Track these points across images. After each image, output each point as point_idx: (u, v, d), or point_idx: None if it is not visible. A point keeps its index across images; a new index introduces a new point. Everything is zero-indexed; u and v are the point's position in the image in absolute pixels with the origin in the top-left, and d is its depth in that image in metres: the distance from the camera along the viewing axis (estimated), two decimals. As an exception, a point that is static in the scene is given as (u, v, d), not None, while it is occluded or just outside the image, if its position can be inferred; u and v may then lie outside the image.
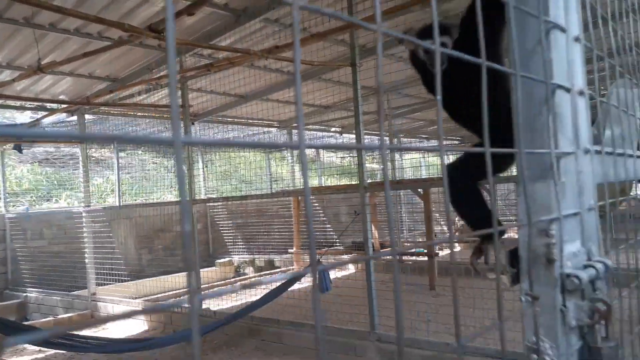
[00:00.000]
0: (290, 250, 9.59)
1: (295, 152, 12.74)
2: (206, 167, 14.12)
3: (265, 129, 10.37)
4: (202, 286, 8.41)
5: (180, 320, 5.86)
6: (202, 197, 11.63)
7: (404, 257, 8.26)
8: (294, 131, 10.46)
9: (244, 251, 10.60)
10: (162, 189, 12.67)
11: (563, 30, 0.58)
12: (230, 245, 10.85)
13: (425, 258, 7.29)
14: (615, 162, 0.67)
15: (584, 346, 0.53)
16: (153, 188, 11.90)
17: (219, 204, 10.80)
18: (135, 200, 11.07)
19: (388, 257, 8.62)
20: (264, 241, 10.41)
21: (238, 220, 10.87)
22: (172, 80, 0.39)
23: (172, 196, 13.28)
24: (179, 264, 9.96)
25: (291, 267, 9.50)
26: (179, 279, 8.04)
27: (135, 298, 7.19)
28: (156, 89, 6.58)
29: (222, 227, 11.06)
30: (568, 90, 0.56)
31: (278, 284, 4.95)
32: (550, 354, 0.49)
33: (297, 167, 11.95)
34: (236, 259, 10.44)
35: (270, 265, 10.02)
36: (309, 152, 13.60)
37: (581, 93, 0.57)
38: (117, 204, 8.20)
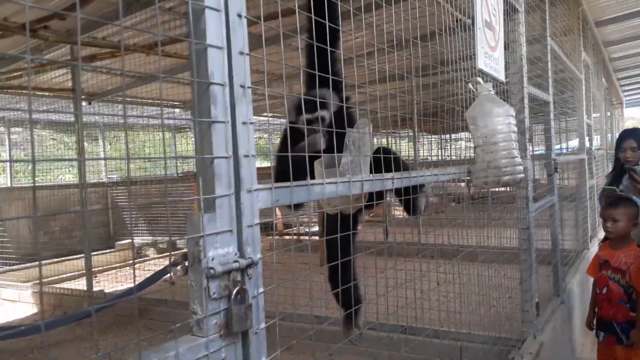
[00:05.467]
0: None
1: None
2: (110, 145, 13.72)
3: (169, 110, 10.29)
4: (99, 269, 8.35)
5: (70, 302, 5.88)
6: (103, 177, 11.42)
7: (302, 237, 8.81)
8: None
9: (146, 233, 10.54)
10: (60, 168, 12.21)
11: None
12: (132, 227, 10.73)
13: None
14: (292, 190, 1.04)
15: (229, 308, 0.89)
16: (50, 167, 11.44)
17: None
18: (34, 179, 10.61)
19: (287, 237, 9.04)
20: (167, 223, 10.40)
21: (140, 201, 10.76)
22: None
23: (71, 175, 12.82)
24: (77, 246, 9.74)
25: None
26: (76, 262, 7.93)
27: (25, 282, 7.03)
28: (46, 71, 6.42)
29: (123, 208, 10.91)
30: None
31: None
32: (199, 314, 0.84)
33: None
34: (138, 241, 10.37)
35: (173, 248, 10.07)
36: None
37: (246, 156, 0.92)
38: (8, 184, 7.89)
